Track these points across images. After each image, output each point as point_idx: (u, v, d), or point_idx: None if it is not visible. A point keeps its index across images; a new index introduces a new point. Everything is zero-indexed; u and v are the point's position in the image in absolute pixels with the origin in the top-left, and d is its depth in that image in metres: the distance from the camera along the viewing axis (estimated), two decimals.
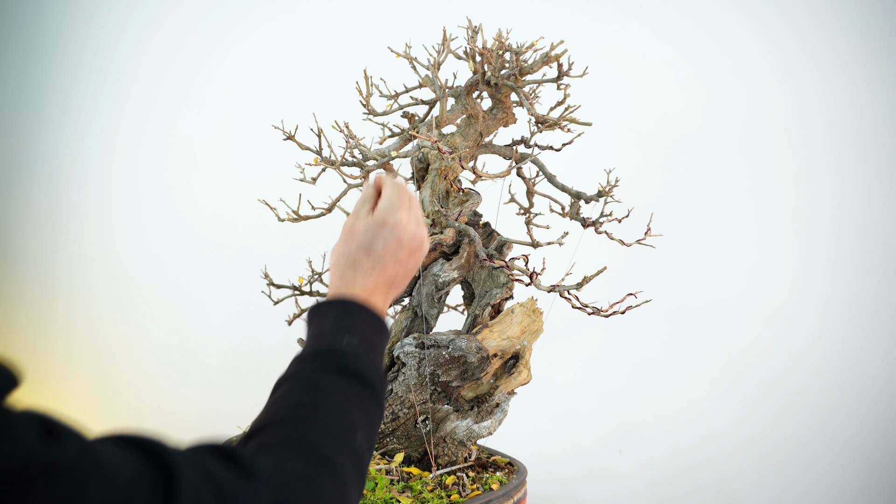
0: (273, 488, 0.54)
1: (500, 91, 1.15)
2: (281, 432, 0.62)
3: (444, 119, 1.14)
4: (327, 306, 0.76)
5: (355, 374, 0.69)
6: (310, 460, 0.60)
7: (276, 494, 0.54)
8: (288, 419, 0.64)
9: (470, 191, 1.19)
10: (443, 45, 1.15)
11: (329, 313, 0.75)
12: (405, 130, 1.18)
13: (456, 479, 1.16)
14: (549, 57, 1.10)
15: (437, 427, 1.20)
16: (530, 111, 1.07)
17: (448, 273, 1.23)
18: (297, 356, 0.72)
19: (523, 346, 1.23)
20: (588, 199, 1.20)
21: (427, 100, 1.24)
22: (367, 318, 0.75)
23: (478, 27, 1.15)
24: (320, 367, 0.69)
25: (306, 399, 0.66)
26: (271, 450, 0.60)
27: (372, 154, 1.06)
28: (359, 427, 0.66)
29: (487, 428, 1.23)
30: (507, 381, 1.24)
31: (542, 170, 1.22)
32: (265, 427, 0.63)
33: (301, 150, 1.14)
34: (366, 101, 1.15)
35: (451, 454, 1.21)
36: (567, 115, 1.07)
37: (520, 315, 1.23)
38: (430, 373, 1.16)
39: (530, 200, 1.29)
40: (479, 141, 1.21)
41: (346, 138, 1.05)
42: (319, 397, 0.66)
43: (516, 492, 1.16)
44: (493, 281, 1.26)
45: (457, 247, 1.26)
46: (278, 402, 0.66)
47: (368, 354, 0.72)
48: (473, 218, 1.26)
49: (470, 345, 1.17)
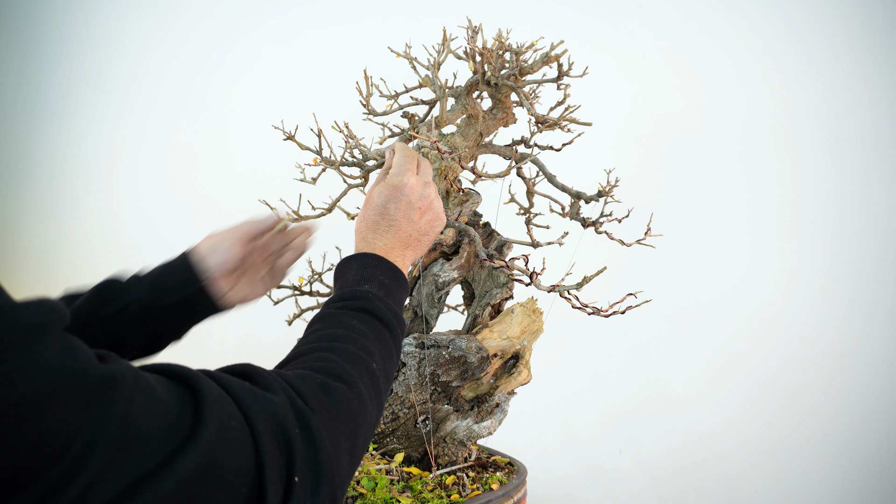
0: (290, 396, 0.59)
1: (500, 91, 1.15)
2: (301, 357, 0.68)
3: (444, 119, 1.14)
4: (351, 260, 0.84)
5: (373, 313, 0.76)
6: (328, 375, 0.65)
7: (293, 401, 0.58)
8: (308, 349, 0.70)
9: (470, 191, 1.19)
10: (443, 45, 1.15)
11: (353, 265, 0.83)
12: (405, 130, 1.18)
13: (456, 479, 1.16)
14: (549, 57, 1.10)
15: (437, 427, 1.20)
16: (530, 111, 1.07)
17: (448, 273, 1.24)
18: (325, 302, 0.80)
19: (523, 346, 1.23)
20: (588, 199, 1.20)
21: (427, 100, 1.24)
22: (386, 270, 0.83)
23: (478, 27, 1.14)
24: (343, 308, 0.76)
25: (327, 332, 0.72)
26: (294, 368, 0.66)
27: (372, 154, 1.06)
28: (375, 355, 0.72)
29: (487, 428, 1.23)
30: (507, 381, 1.24)
31: (542, 170, 1.22)
32: (289, 358, 0.70)
33: (301, 151, 1.14)
34: (366, 101, 1.15)
35: (451, 454, 1.21)
36: (567, 115, 1.07)
37: (520, 315, 1.23)
38: (431, 373, 1.16)
39: (530, 200, 1.29)
40: (479, 141, 1.21)
41: (346, 138, 1.05)
42: (339, 329, 0.72)
43: (516, 492, 1.16)
44: (493, 281, 1.26)
45: (457, 247, 1.26)
46: (303, 338, 0.73)
47: (386, 300, 0.79)
48: (473, 218, 1.26)
49: (470, 345, 1.17)
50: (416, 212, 0.89)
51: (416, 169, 0.93)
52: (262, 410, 0.55)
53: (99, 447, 0.43)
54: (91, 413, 0.43)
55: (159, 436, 0.47)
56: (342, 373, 0.66)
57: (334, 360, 0.67)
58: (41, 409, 0.41)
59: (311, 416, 0.58)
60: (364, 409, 0.65)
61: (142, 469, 0.45)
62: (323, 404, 0.61)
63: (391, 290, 0.81)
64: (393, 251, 0.87)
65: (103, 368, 0.45)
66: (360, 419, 0.65)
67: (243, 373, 0.60)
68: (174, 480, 0.46)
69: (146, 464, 0.45)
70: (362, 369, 0.68)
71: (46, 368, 0.42)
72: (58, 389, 0.42)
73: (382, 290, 0.80)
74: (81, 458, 0.42)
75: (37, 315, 0.44)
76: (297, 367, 0.66)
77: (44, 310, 0.45)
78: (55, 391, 0.42)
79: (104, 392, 0.44)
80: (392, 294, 0.81)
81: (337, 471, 0.58)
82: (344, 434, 0.61)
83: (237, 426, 0.52)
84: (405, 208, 0.88)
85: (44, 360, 0.42)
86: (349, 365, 0.67)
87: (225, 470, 0.50)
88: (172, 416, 0.48)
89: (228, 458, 0.50)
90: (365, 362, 0.69)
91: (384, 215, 0.88)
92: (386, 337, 0.76)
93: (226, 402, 0.53)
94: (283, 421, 0.56)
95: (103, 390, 0.44)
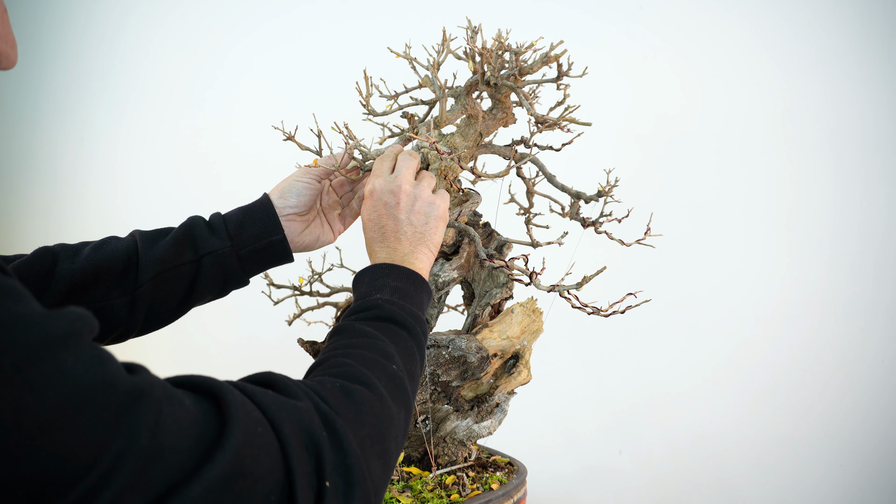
0: (313, 402, 0.58)
1: (500, 91, 1.16)
2: (320, 367, 0.68)
3: (444, 119, 1.14)
4: (363, 273, 0.85)
5: (388, 318, 0.76)
6: (346, 379, 0.64)
7: (317, 405, 0.58)
8: (324, 358, 0.70)
9: (470, 191, 1.19)
10: (442, 45, 1.15)
11: (364, 278, 0.84)
12: (405, 131, 1.18)
13: (456, 479, 1.17)
14: (548, 57, 1.10)
15: (437, 427, 1.20)
16: (530, 111, 1.07)
17: (448, 273, 1.24)
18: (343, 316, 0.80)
19: (523, 346, 1.23)
20: (588, 199, 1.20)
21: (427, 100, 1.24)
22: (398, 275, 0.83)
23: (477, 27, 1.15)
24: (357, 319, 0.76)
25: (344, 342, 0.72)
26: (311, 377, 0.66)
27: (372, 154, 1.06)
28: (394, 357, 0.71)
29: (487, 428, 1.23)
30: (507, 381, 1.24)
31: (542, 170, 1.22)
32: (307, 372, 0.70)
33: (301, 151, 1.14)
34: (366, 101, 1.15)
35: (451, 454, 1.21)
36: (567, 115, 1.07)
37: (520, 315, 1.23)
38: (430, 373, 1.17)
39: (530, 200, 1.30)
40: (478, 141, 1.21)
41: (346, 139, 1.05)
42: (354, 338, 0.72)
43: (516, 491, 1.16)
44: (492, 281, 1.26)
45: (457, 247, 1.26)
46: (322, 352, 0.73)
47: (400, 302, 0.79)
48: (473, 218, 1.26)
49: (470, 345, 1.17)
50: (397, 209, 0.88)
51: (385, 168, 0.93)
52: (288, 416, 0.54)
53: (128, 459, 0.42)
54: (120, 425, 0.43)
55: (188, 447, 0.46)
56: (360, 376, 0.65)
57: (351, 365, 0.67)
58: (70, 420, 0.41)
59: (336, 419, 0.57)
60: (388, 410, 0.64)
61: (170, 480, 0.45)
62: (346, 407, 0.60)
63: (406, 292, 0.81)
64: (402, 255, 0.86)
65: (132, 380, 0.45)
66: (386, 421, 0.63)
67: (265, 381, 0.60)
68: (201, 488, 0.46)
69: (175, 475, 0.45)
70: (380, 372, 0.68)
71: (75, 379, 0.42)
72: (86, 400, 0.42)
73: (396, 293, 0.80)
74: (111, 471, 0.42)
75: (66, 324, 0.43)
76: (316, 375, 0.66)
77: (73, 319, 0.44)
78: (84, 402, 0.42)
79: (133, 403, 0.44)
80: (408, 296, 0.81)
81: (368, 475, 0.57)
82: (371, 437, 0.60)
83: (264, 432, 0.52)
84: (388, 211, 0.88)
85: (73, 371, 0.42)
86: (367, 369, 0.67)
87: (253, 477, 0.49)
88: (200, 427, 0.48)
89: (256, 464, 0.50)
90: (383, 365, 0.69)
91: (373, 228, 0.88)
92: (405, 338, 0.75)
93: (251, 409, 0.52)
94: (310, 425, 0.55)
95: (133, 402, 0.44)
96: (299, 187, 0.97)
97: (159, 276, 0.88)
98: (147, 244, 0.89)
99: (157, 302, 0.89)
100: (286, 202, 0.96)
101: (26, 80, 2.93)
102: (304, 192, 0.97)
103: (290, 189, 0.97)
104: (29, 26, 2.89)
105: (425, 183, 0.93)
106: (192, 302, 0.93)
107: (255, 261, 0.94)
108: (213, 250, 0.90)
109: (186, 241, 0.90)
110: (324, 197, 1.03)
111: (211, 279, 0.91)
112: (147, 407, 0.45)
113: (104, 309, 0.86)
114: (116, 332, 0.89)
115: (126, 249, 0.88)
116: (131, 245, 0.89)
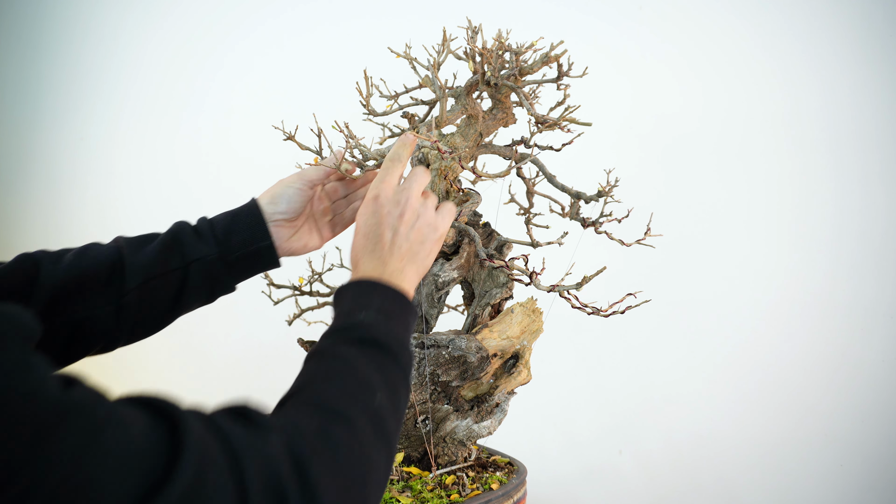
0: (286, 441, 0.53)
1: (500, 91, 1.15)
2: (296, 397, 0.62)
3: (444, 119, 1.14)
4: (346, 288, 0.77)
5: (372, 342, 0.69)
6: (325, 416, 0.59)
7: (290, 447, 0.53)
8: (304, 386, 0.64)
9: (470, 191, 1.19)
10: (443, 45, 1.15)
11: (347, 293, 0.76)
12: (405, 131, 1.18)
13: (456, 479, 1.17)
14: (548, 57, 1.10)
15: (437, 427, 1.20)
16: (530, 111, 1.07)
17: (448, 273, 1.24)
18: (322, 335, 0.73)
19: (523, 346, 1.23)
20: (588, 199, 1.20)
21: (427, 100, 1.24)
22: (383, 293, 0.76)
23: (478, 27, 1.15)
24: (338, 340, 0.69)
25: (323, 367, 0.66)
26: (286, 410, 0.60)
27: (372, 154, 1.06)
28: (377, 388, 0.65)
29: (487, 428, 1.23)
30: (507, 381, 1.24)
31: (542, 170, 1.22)
32: (284, 399, 0.63)
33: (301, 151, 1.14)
34: (366, 101, 1.15)
35: (451, 454, 1.21)
36: (567, 115, 1.07)
37: (519, 315, 1.23)
38: (430, 373, 1.16)
39: (530, 200, 1.30)
40: (478, 141, 1.21)
41: (346, 139, 1.05)
42: (335, 364, 0.66)
43: (516, 491, 1.16)
44: (492, 281, 1.26)
45: (457, 247, 1.26)
46: (299, 376, 0.67)
47: (386, 324, 0.72)
48: (473, 218, 1.26)
49: (470, 345, 1.17)
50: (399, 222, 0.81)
51: (394, 176, 0.86)
52: (255, 456, 0.49)
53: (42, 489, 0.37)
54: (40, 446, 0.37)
55: (126, 479, 0.41)
56: (340, 413, 0.59)
57: (331, 399, 0.61)
58: None
59: (311, 466, 0.52)
60: (369, 454, 0.59)
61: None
62: (322, 450, 0.55)
63: (392, 313, 0.73)
64: (391, 271, 0.79)
65: (64, 395, 0.40)
66: (367, 467, 0.58)
67: (238, 411, 0.55)
68: None
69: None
70: (363, 409, 0.62)
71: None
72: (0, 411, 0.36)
73: (381, 314, 0.72)
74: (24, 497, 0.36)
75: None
76: (291, 408, 0.60)
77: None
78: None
79: (59, 422, 0.39)
80: (393, 317, 0.73)
81: None
82: (347, 488, 0.55)
83: (221, 473, 0.46)
84: (389, 221, 0.81)
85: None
86: (346, 402, 0.61)
87: None
88: (145, 459, 0.43)
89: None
90: (365, 401, 0.63)
91: (369, 235, 0.81)
92: (388, 365, 0.69)
93: (210, 444, 0.47)
94: (278, 469, 0.50)
95: (58, 420, 0.39)
96: (290, 193, 0.95)
97: (146, 284, 0.85)
98: (132, 250, 0.86)
99: (145, 310, 0.86)
100: (276, 208, 0.93)
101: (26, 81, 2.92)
102: (295, 199, 0.95)
103: (281, 195, 0.94)
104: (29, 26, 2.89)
105: (430, 203, 0.87)
106: (180, 309, 0.90)
107: (243, 267, 0.92)
108: (200, 257, 0.87)
109: (173, 247, 0.88)
110: (315, 203, 1.00)
111: (199, 286, 0.88)
112: (76, 429, 0.39)
113: (90, 318, 0.83)
114: (103, 342, 0.86)
115: (110, 256, 0.85)
116: (115, 252, 0.86)
